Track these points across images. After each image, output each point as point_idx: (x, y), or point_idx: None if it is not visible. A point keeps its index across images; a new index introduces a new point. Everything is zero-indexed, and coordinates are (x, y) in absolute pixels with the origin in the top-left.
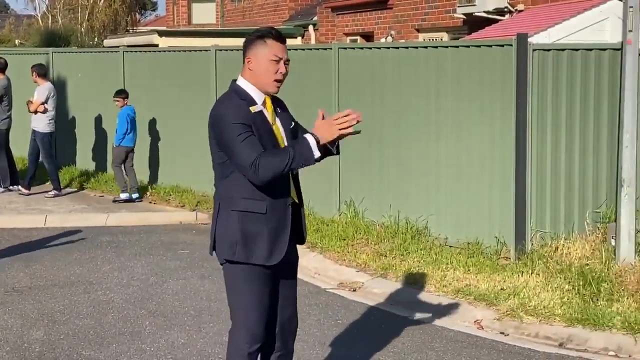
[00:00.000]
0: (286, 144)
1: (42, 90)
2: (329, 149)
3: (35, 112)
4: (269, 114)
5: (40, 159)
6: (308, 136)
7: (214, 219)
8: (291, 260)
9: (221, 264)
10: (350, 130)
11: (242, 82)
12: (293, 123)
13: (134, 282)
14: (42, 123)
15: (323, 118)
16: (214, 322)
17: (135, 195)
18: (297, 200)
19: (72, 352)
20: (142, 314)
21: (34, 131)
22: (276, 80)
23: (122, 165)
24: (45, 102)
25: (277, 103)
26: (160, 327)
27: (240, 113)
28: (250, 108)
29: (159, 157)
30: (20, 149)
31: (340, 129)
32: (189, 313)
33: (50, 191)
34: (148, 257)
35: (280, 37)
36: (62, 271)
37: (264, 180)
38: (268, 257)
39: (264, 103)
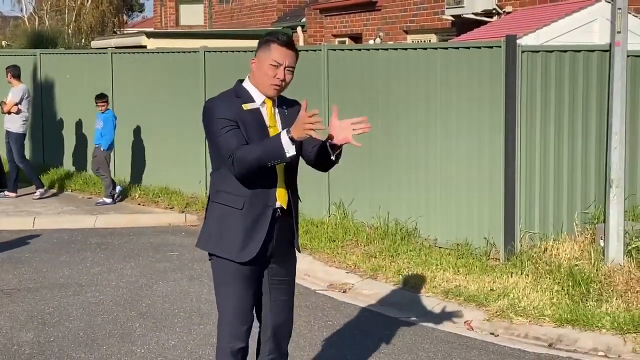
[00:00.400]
0: None
1: (17, 91)
2: (328, 153)
3: (9, 112)
4: (267, 115)
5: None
6: (282, 132)
7: (205, 211)
8: (283, 264)
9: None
10: (313, 132)
11: (246, 82)
12: None
13: (123, 284)
14: (15, 124)
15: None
16: (204, 324)
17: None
18: (285, 207)
19: (62, 354)
20: (132, 316)
21: (7, 132)
22: (273, 85)
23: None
24: (19, 103)
25: (290, 108)
26: (150, 328)
27: (228, 109)
28: (243, 105)
29: (147, 158)
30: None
31: (306, 128)
32: (178, 315)
33: (36, 192)
34: (137, 259)
35: (286, 43)
36: (51, 273)
37: (242, 173)
38: (237, 254)
39: (263, 103)
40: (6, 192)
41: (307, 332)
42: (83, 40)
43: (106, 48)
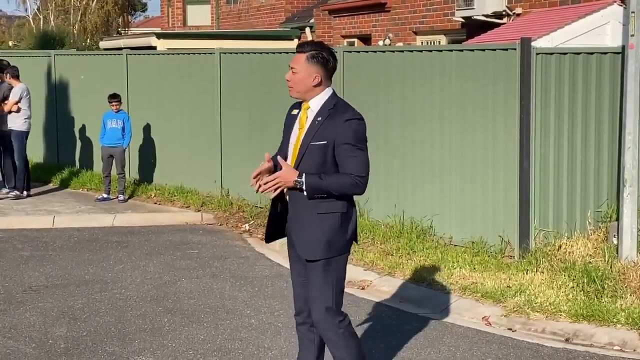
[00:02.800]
0: (291, 148)
1: (16, 90)
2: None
3: (10, 112)
4: (299, 120)
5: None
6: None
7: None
8: (295, 247)
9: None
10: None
11: None
12: (326, 141)
13: (148, 281)
14: (18, 122)
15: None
16: (230, 319)
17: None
18: (287, 200)
19: (96, 348)
20: (159, 312)
21: (10, 131)
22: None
23: None
24: (19, 101)
25: (327, 119)
26: (179, 324)
27: (285, 116)
28: (293, 111)
29: (163, 158)
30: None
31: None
32: (205, 310)
33: (11, 192)
34: (159, 256)
35: (297, 47)
36: (76, 270)
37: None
38: (265, 237)
39: (303, 108)
40: (17, 192)
41: None
42: (88, 40)
43: (115, 49)
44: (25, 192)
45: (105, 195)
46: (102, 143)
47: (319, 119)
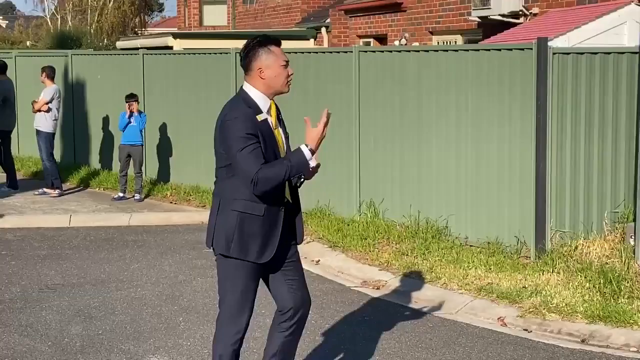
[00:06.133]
0: (285, 148)
1: (48, 90)
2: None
3: (39, 111)
4: (272, 120)
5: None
6: (303, 147)
7: (214, 214)
8: (288, 247)
9: (215, 257)
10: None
11: (250, 90)
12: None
13: (163, 280)
14: (45, 123)
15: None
16: None
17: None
18: (290, 200)
19: (112, 346)
20: (175, 310)
21: (37, 131)
22: (289, 82)
23: None
24: (50, 102)
25: (277, 110)
26: (194, 322)
27: (248, 123)
28: (257, 117)
29: (179, 157)
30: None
31: (322, 138)
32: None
33: (53, 191)
34: (174, 255)
35: (279, 41)
36: (92, 269)
37: (262, 192)
38: (259, 256)
39: (269, 110)
40: (45, 189)
41: (345, 327)
42: (105, 40)
43: (132, 49)
44: (57, 191)
45: (121, 195)
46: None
47: (279, 114)
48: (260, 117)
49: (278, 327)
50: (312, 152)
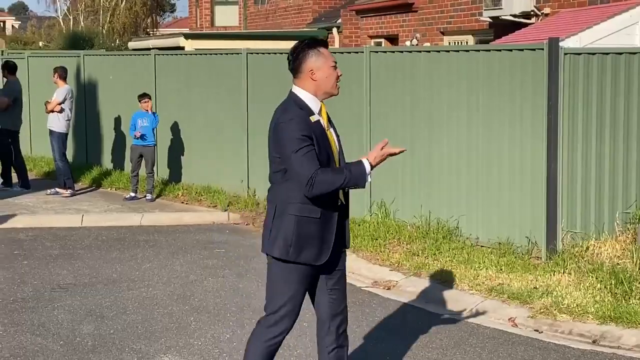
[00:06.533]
0: (337, 149)
1: (61, 91)
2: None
3: (52, 111)
4: (324, 121)
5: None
6: (364, 161)
7: (270, 219)
8: (337, 261)
9: (268, 261)
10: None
11: (300, 92)
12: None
13: (174, 280)
14: (58, 123)
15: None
16: (255, 318)
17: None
18: (343, 201)
19: (123, 345)
20: (186, 310)
21: (50, 131)
22: (337, 84)
23: None
24: (62, 102)
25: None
26: (205, 322)
27: (302, 124)
28: (310, 118)
29: (190, 158)
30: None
31: (384, 158)
32: (231, 310)
33: (65, 191)
34: (186, 255)
35: (326, 43)
36: (104, 269)
37: (316, 195)
38: (317, 258)
39: (320, 111)
40: (57, 189)
41: (356, 327)
42: (117, 40)
43: (144, 49)
44: (69, 190)
45: (132, 194)
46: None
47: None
48: (313, 119)
49: (322, 344)
50: (372, 167)
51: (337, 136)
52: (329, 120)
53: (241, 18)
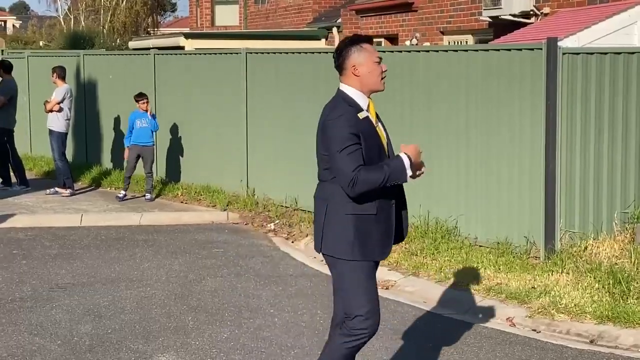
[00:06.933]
0: (387, 144)
1: (60, 90)
2: None
3: (51, 111)
4: (372, 117)
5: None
6: (403, 156)
7: (322, 218)
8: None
9: (328, 261)
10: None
11: (347, 89)
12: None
13: (173, 279)
14: (57, 123)
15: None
16: (253, 318)
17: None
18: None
19: (120, 345)
20: (184, 310)
21: (50, 131)
22: (383, 79)
23: None
24: (62, 102)
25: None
26: (203, 322)
27: (351, 121)
28: (359, 115)
29: (189, 157)
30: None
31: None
32: (228, 309)
33: (65, 190)
34: (184, 255)
35: (370, 39)
36: (102, 268)
37: (358, 194)
38: (381, 253)
39: (368, 108)
40: (57, 189)
41: None
42: (117, 40)
43: (144, 49)
44: (69, 190)
45: (124, 193)
46: (128, 143)
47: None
48: (361, 115)
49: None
50: (411, 161)
51: (386, 131)
52: (377, 116)
53: (241, 18)
